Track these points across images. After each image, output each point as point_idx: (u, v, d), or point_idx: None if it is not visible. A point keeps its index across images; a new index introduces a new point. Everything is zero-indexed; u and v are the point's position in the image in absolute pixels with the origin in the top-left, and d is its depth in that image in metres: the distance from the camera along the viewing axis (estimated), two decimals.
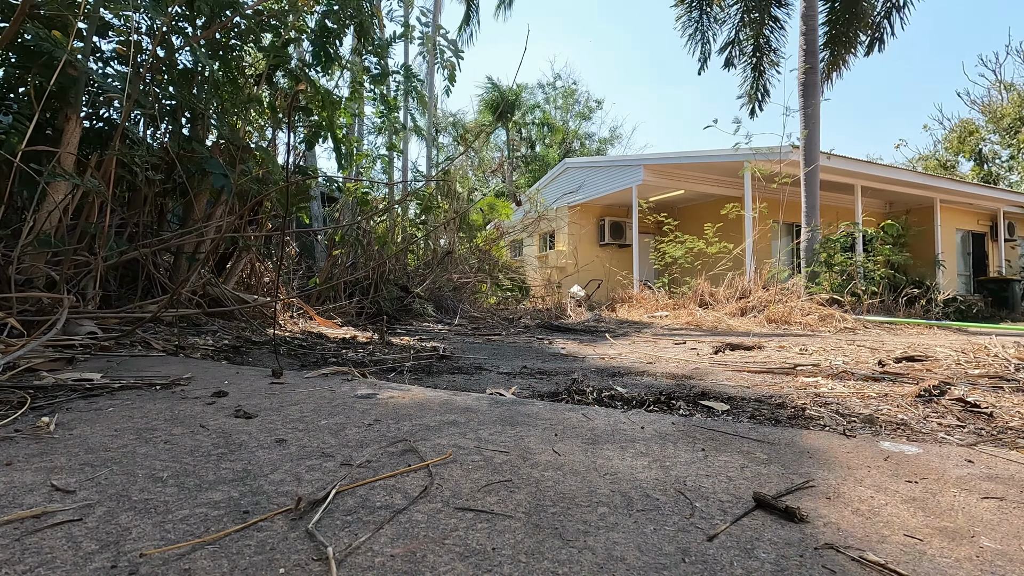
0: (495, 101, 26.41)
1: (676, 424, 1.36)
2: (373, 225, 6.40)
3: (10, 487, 0.86)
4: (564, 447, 1.14)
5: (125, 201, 3.42)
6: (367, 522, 0.77)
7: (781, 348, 3.79)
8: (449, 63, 5.34)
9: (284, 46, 4.02)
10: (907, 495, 0.93)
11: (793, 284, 8.20)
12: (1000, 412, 1.65)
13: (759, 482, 0.97)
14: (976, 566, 0.70)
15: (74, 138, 2.68)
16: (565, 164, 15.12)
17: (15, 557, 0.66)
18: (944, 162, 24.56)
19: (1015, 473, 1.07)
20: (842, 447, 1.20)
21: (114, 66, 3.33)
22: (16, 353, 1.68)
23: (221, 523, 0.76)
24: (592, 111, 30.08)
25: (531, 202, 11.55)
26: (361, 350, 3.03)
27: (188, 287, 3.22)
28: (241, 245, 3.91)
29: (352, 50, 5.08)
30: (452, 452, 1.08)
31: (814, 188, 9.58)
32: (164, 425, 1.23)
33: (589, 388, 1.84)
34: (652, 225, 11.98)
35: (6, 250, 2.53)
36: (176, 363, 2.10)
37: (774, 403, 1.77)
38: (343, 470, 0.98)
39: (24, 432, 1.15)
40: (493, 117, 25.83)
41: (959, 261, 15.18)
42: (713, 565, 0.68)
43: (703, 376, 2.35)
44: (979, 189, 14.32)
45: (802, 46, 10.06)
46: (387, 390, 1.71)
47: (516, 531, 0.75)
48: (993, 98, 23.84)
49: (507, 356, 3.12)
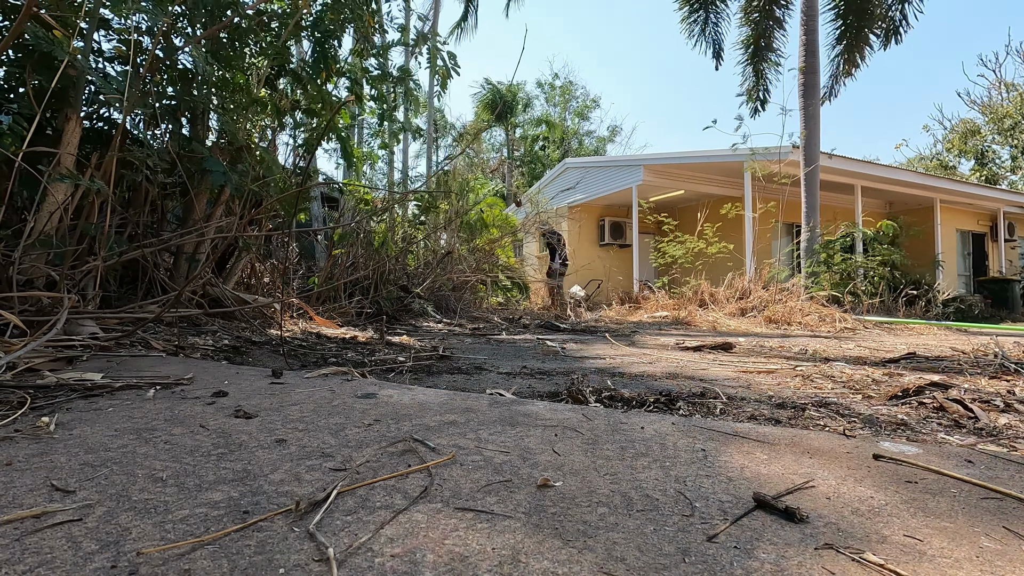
0: (493, 101, 26.42)
1: (676, 424, 1.36)
2: (373, 225, 6.40)
3: (10, 487, 0.86)
4: (564, 447, 1.14)
5: (125, 201, 3.42)
6: (367, 522, 0.77)
7: (781, 348, 3.79)
8: (442, 70, 5.40)
9: (284, 46, 4.02)
10: (907, 495, 0.93)
11: (793, 284, 8.20)
12: (999, 412, 1.65)
13: (759, 482, 0.97)
14: (976, 566, 0.70)
15: (74, 138, 2.68)
16: (565, 164, 15.12)
17: (15, 557, 0.66)
18: (945, 162, 24.56)
19: (1015, 473, 1.07)
20: (842, 447, 1.20)
21: (114, 66, 3.33)
22: (17, 352, 1.68)
23: (221, 523, 0.76)
24: (590, 109, 30.08)
25: (531, 202, 11.55)
26: (361, 350, 3.03)
27: (188, 287, 3.22)
28: (241, 245, 3.91)
29: (351, 52, 5.08)
30: (452, 452, 1.08)
31: (814, 188, 9.57)
32: (164, 425, 1.23)
33: (589, 388, 1.84)
34: (652, 225, 11.98)
35: (7, 250, 2.53)
36: (176, 363, 2.10)
37: (774, 403, 1.77)
38: (343, 470, 0.98)
39: (24, 432, 1.15)
40: (491, 117, 25.85)
41: (959, 261, 15.18)
42: (713, 565, 0.68)
43: (703, 376, 2.35)
44: (979, 189, 14.32)
45: (802, 46, 10.06)
46: (387, 390, 1.71)
47: (516, 531, 0.75)
48: (993, 98, 23.85)
49: (507, 356, 3.12)
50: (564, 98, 29.56)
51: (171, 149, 3.32)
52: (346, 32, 4.51)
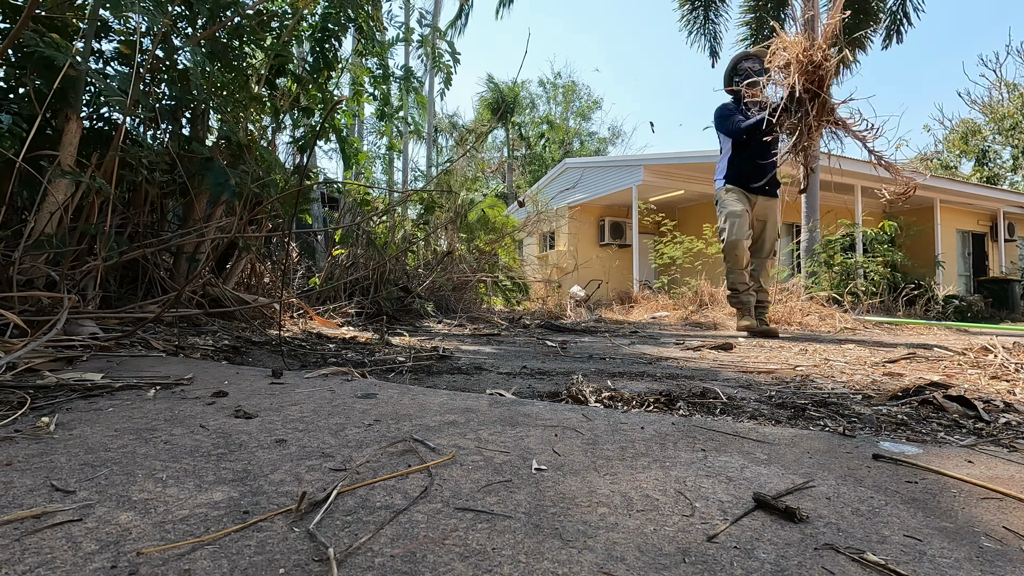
0: (495, 101, 26.41)
1: (676, 424, 1.36)
2: (374, 225, 6.40)
3: (10, 487, 0.86)
4: (564, 447, 1.14)
5: (125, 201, 3.42)
6: (367, 522, 0.77)
7: (781, 348, 3.79)
8: (446, 66, 5.35)
9: (285, 46, 4.02)
10: (907, 495, 0.93)
11: (793, 284, 8.20)
12: (1000, 412, 1.65)
13: (759, 482, 0.97)
14: (976, 566, 0.70)
15: (74, 138, 2.68)
16: (565, 164, 15.13)
17: (15, 557, 0.66)
18: (945, 162, 24.57)
19: (1015, 473, 1.07)
20: (842, 447, 1.20)
21: (114, 66, 3.33)
22: (17, 353, 1.68)
23: (221, 523, 0.76)
24: (592, 110, 30.08)
25: (531, 202, 11.56)
26: (361, 350, 3.03)
27: (188, 287, 3.22)
28: (241, 245, 3.91)
29: (353, 51, 5.08)
30: (452, 452, 1.08)
31: (814, 188, 9.58)
32: (164, 425, 1.23)
33: (589, 388, 1.84)
34: (652, 225, 11.99)
35: (7, 250, 2.53)
36: (176, 363, 2.10)
37: (774, 403, 1.77)
38: (343, 470, 0.98)
39: (24, 432, 1.15)
40: (493, 117, 25.84)
41: (959, 261, 15.18)
42: (713, 565, 0.68)
43: (703, 376, 2.35)
44: (979, 189, 14.32)
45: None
46: (387, 390, 1.71)
47: (516, 531, 0.75)
48: (994, 98, 23.85)
49: (507, 356, 3.12)
50: (567, 98, 29.57)
51: (171, 149, 3.32)
52: (347, 33, 4.50)
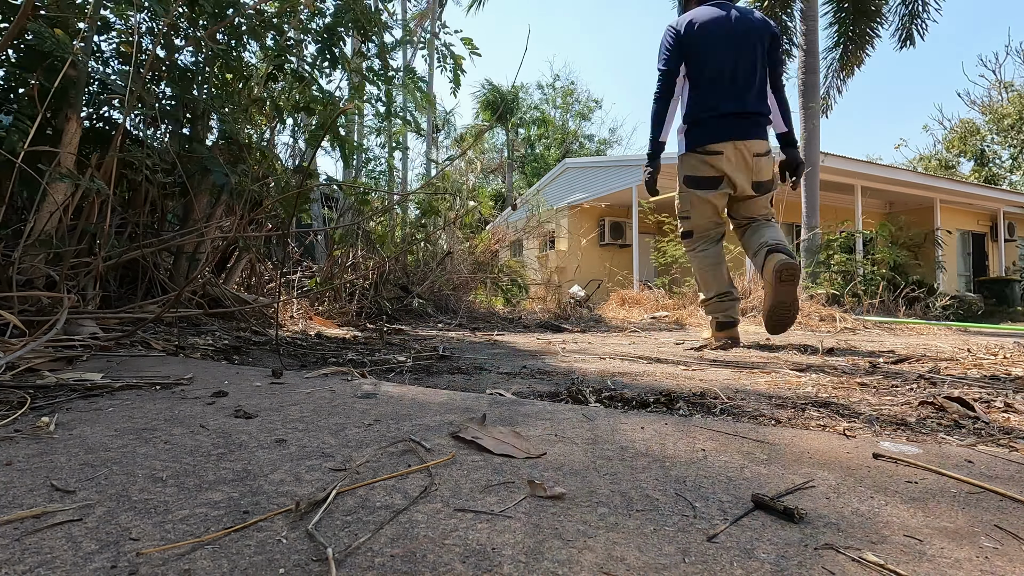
0: (494, 102, 26.40)
1: (676, 424, 1.36)
2: (373, 226, 6.40)
3: (10, 487, 0.86)
4: (564, 447, 1.14)
5: (125, 201, 3.43)
6: (367, 522, 0.77)
7: (781, 348, 3.79)
8: (459, 57, 4.98)
9: (287, 48, 4.02)
10: (907, 495, 0.93)
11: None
12: (1000, 412, 1.65)
13: (759, 482, 0.97)
14: (976, 566, 0.70)
15: (75, 138, 2.68)
16: (565, 164, 15.13)
17: (15, 557, 0.66)
18: (945, 162, 24.57)
19: (1014, 473, 1.07)
20: (842, 447, 1.20)
21: (114, 66, 3.33)
22: (17, 352, 1.68)
23: (221, 523, 0.76)
24: (591, 111, 30.09)
25: (531, 203, 11.56)
26: (361, 350, 3.03)
27: (188, 287, 3.22)
28: (241, 245, 3.91)
29: (355, 52, 5.07)
30: (452, 452, 1.08)
31: (814, 188, 9.58)
32: (164, 425, 1.23)
33: (589, 388, 1.84)
34: (652, 225, 11.98)
35: (7, 250, 2.53)
36: (176, 363, 2.10)
37: (774, 403, 1.77)
38: (343, 470, 0.98)
39: (24, 432, 1.15)
40: (492, 118, 25.83)
41: (959, 261, 15.18)
42: (713, 565, 0.68)
43: (703, 376, 2.35)
44: (979, 189, 14.33)
45: (802, 46, 10.05)
46: (387, 390, 1.71)
47: (516, 531, 0.75)
48: (993, 98, 23.86)
49: (507, 356, 3.12)
50: (566, 101, 29.57)
51: (171, 149, 3.32)
52: (349, 34, 4.50)
